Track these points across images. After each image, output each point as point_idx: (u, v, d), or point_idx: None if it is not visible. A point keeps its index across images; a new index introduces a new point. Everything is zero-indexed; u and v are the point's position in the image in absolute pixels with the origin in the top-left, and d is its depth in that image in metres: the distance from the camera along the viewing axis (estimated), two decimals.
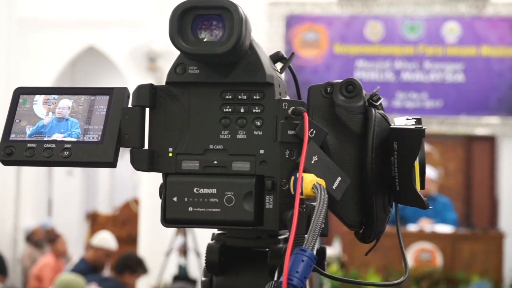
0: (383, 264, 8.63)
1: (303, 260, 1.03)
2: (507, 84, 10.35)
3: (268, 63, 1.21)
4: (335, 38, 10.59)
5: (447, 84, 10.44)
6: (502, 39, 10.38)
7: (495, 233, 9.04)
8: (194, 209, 1.18)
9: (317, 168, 1.15)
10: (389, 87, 10.53)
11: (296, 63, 10.45)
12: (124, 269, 7.06)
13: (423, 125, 1.25)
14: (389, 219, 1.32)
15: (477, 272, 8.50)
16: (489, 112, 10.39)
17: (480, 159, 11.13)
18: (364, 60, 10.58)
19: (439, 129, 10.47)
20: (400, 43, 10.55)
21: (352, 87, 1.23)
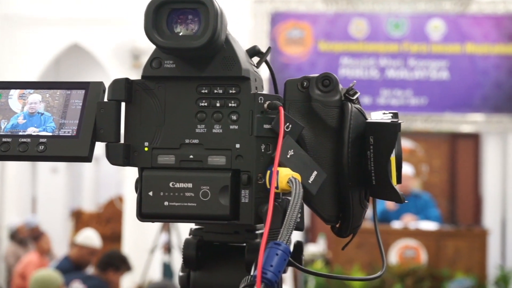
0: (367, 261, 8.64)
1: (277, 254, 1.02)
2: (491, 82, 10.38)
3: (244, 57, 1.21)
4: (319, 36, 10.59)
5: (431, 82, 10.47)
6: (486, 37, 10.41)
7: (479, 230, 9.08)
8: (170, 203, 1.18)
9: (292, 162, 1.14)
10: (374, 84, 10.55)
11: (280, 61, 10.46)
12: (108, 266, 7.04)
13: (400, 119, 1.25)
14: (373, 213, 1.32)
15: (461, 269, 8.53)
16: (474, 109, 10.42)
17: (465, 156, 11.17)
18: (348, 57, 10.58)
19: (424, 126, 10.49)
20: (385, 40, 10.56)
21: (328, 81, 1.23)
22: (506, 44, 10.38)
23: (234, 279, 1.18)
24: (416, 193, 9.21)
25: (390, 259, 8.65)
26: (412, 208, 9.01)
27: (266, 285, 1.01)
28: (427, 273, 8.39)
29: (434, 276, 8.40)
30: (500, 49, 10.38)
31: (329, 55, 10.60)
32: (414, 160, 9.94)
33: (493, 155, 10.83)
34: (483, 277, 8.63)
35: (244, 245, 1.26)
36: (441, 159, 11.17)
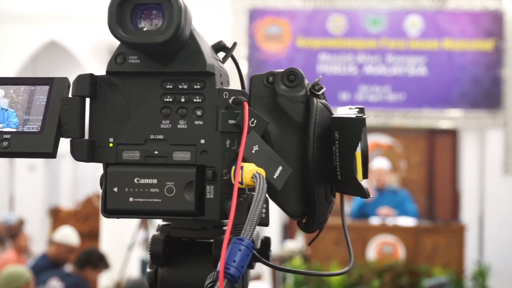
0: (346, 257, 8.64)
1: (240, 249, 1.02)
2: (469, 78, 10.42)
3: (209, 52, 1.21)
4: (298, 32, 10.60)
5: (409, 78, 10.50)
6: (464, 33, 10.45)
7: (457, 226, 9.11)
8: (134, 199, 1.17)
9: (257, 157, 1.14)
10: (352, 81, 10.57)
11: (259, 57, 10.46)
12: (86, 264, 7.02)
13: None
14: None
15: (439, 264, 8.56)
16: (452, 105, 10.46)
17: (443, 152, 11.21)
18: (327, 53, 10.59)
19: (402, 122, 10.52)
20: (363, 36, 10.58)
21: (294, 77, 1.23)
22: (484, 40, 10.43)
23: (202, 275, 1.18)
24: (393, 188, 9.24)
25: (368, 255, 8.67)
26: (389, 203, 9.03)
27: (229, 281, 1.01)
28: (405, 269, 8.41)
29: (412, 272, 8.42)
30: (477, 45, 10.43)
31: (307, 51, 10.61)
32: (393, 156, 9.98)
33: (471, 151, 10.88)
34: (461, 272, 8.66)
35: (211, 241, 1.26)
36: (419, 155, 11.21)
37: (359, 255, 8.66)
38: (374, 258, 8.64)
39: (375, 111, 10.47)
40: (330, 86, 10.48)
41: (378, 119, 10.51)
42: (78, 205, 11.99)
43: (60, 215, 11.32)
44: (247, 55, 10.51)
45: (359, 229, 8.80)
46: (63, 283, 6.64)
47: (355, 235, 8.77)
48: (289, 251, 9.52)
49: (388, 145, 10.69)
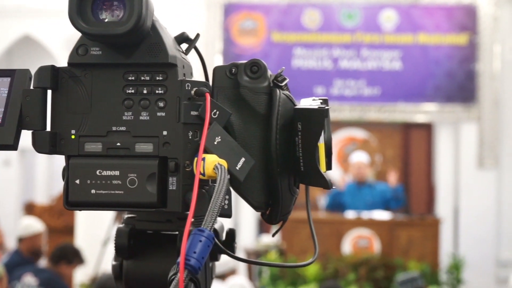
0: (321, 251, 8.67)
1: (200, 241, 1.02)
2: (443, 72, 10.47)
3: (171, 44, 1.20)
4: (272, 26, 10.61)
5: (384, 72, 10.54)
6: (438, 27, 10.50)
7: (431, 219, 9.15)
8: (97, 191, 1.17)
9: (220, 149, 1.14)
10: (327, 75, 10.59)
11: (234, 52, 10.46)
12: (60, 259, 6.99)
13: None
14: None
15: (414, 257, 8.60)
16: (426, 99, 10.51)
17: (418, 146, 11.25)
18: (302, 48, 10.61)
19: (377, 116, 10.57)
20: (338, 31, 10.61)
21: (256, 68, 1.22)
22: (458, 34, 10.48)
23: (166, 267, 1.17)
24: (370, 182, 9.27)
25: (344, 249, 8.70)
26: (368, 196, 9.06)
27: (190, 272, 1.01)
28: (380, 263, 8.44)
29: (387, 265, 8.45)
30: (451, 39, 10.48)
31: (282, 45, 10.62)
32: (368, 150, 10.00)
33: (446, 145, 10.92)
34: (436, 265, 8.71)
35: (176, 233, 1.25)
36: (394, 149, 11.24)
37: (335, 248, 8.68)
38: (349, 251, 8.67)
39: (350, 105, 10.51)
40: (306, 81, 10.51)
41: (353, 113, 10.54)
42: (53, 200, 11.92)
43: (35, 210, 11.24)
44: (222, 49, 10.51)
45: (335, 223, 8.82)
46: (37, 279, 6.60)
47: (330, 229, 8.79)
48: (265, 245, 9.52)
49: (363, 139, 10.72)
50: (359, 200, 9.07)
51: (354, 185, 9.16)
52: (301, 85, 10.52)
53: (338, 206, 9.09)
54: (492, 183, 10.61)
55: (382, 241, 8.75)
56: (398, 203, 9.10)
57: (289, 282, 8.45)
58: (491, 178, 10.62)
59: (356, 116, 10.60)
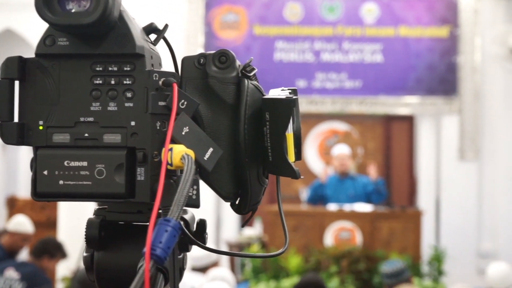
0: (303, 244, 8.69)
1: (166, 231, 1.02)
2: (425, 64, 10.51)
3: (139, 34, 1.20)
4: (254, 20, 10.61)
5: (366, 65, 10.56)
6: (419, 20, 10.53)
7: (413, 211, 9.19)
8: (65, 182, 1.17)
9: (187, 139, 1.14)
10: (309, 68, 10.60)
11: (216, 45, 10.45)
12: (43, 253, 6.98)
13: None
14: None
15: (396, 249, 8.63)
16: (408, 92, 10.54)
17: (399, 138, 11.29)
18: (283, 41, 10.61)
19: (359, 109, 10.59)
20: (319, 24, 10.62)
21: (225, 58, 1.23)
22: (439, 27, 10.51)
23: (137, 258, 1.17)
24: (352, 175, 9.30)
25: (326, 241, 8.72)
26: (350, 189, 9.09)
27: (155, 262, 1.01)
28: (362, 255, 8.47)
29: (369, 257, 8.48)
30: (432, 32, 10.51)
31: (264, 39, 10.62)
32: (349, 142, 10.03)
33: (427, 137, 10.96)
34: (418, 257, 8.75)
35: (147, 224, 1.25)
36: (376, 142, 11.28)
37: (317, 241, 8.70)
38: (331, 244, 8.69)
39: (332, 98, 10.53)
40: (287, 74, 10.53)
41: (335, 106, 10.56)
42: None
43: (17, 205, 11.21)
44: (204, 43, 10.49)
45: (317, 216, 8.84)
46: (19, 273, 6.60)
47: (312, 221, 8.82)
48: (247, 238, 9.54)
49: (345, 131, 10.74)
50: (341, 192, 9.10)
51: (336, 178, 9.19)
52: (283, 78, 10.53)
53: (320, 198, 9.11)
54: (473, 175, 10.66)
55: (364, 233, 8.78)
56: (380, 197, 9.13)
57: (272, 274, 8.46)
58: (472, 170, 10.67)
59: (337, 109, 10.62)
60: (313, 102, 10.59)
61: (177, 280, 1.18)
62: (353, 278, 8.29)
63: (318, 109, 10.62)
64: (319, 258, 8.42)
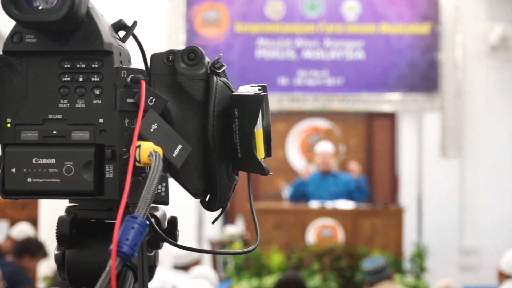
0: (285, 241, 8.70)
1: (133, 227, 1.02)
2: (406, 61, 10.53)
3: (107, 31, 1.20)
4: (236, 17, 10.59)
5: (347, 62, 10.56)
6: (400, 17, 10.54)
7: (395, 208, 9.21)
8: (33, 180, 1.16)
9: (156, 136, 1.14)
10: (291, 65, 10.60)
11: (197, 42, 10.42)
12: (24, 252, 6.96)
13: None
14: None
15: (378, 246, 8.65)
16: (390, 89, 10.55)
17: (381, 135, 11.32)
18: (265, 38, 10.61)
19: (340, 106, 10.60)
20: (301, 21, 10.61)
21: (193, 55, 1.22)
22: (420, 24, 10.53)
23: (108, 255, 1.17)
24: (334, 172, 9.31)
25: (308, 239, 8.73)
26: (332, 186, 9.10)
27: (122, 259, 1.00)
28: (344, 252, 8.48)
29: (351, 254, 8.50)
30: (414, 29, 10.53)
31: (245, 36, 10.61)
32: (332, 140, 10.05)
33: (409, 133, 11.00)
34: (400, 254, 8.77)
35: None
36: (358, 139, 11.30)
37: (299, 238, 8.71)
38: (313, 241, 8.70)
39: (314, 96, 10.53)
40: (269, 71, 10.52)
41: (316, 103, 10.56)
42: None
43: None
44: (185, 40, 10.47)
45: (299, 213, 8.85)
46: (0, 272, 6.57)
47: (295, 218, 8.82)
48: (230, 236, 9.55)
49: (327, 129, 10.76)
50: (323, 190, 9.11)
51: (318, 175, 9.20)
52: (264, 75, 10.52)
53: (302, 196, 9.12)
54: (454, 171, 10.71)
55: (346, 231, 8.79)
56: (362, 195, 9.14)
57: (254, 272, 8.46)
58: (454, 166, 10.72)
59: (319, 106, 10.63)
60: (295, 99, 10.60)
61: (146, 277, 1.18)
62: (335, 275, 8.30)
63: (299, 107, 10.63)
64: (301, 255, 8.42)
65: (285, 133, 11.24)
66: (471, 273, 10.51)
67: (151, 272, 1.31)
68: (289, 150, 11.24)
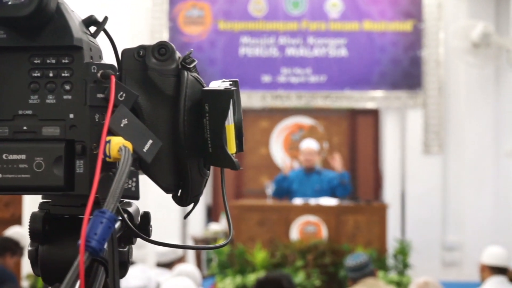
0: (269, 238, 8.71)
1: (101, 222, 1.02)
2: (389, 58, 10.56)
3: (77, 26, 1.20)
4: (219, 15, 10.60)
5: (330, 59, 10.60)
6: (383, 14, 10.58)
7: (378, 205, 9.23)
8: (3, 175, 1.16)
9: (126, 131, 1.14)
10: (274, 63, 10.62)
11: (180, 40, 10.43)
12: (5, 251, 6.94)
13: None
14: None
15: (362, 243, 8.66)
16: (372, 86, 10.59)
17: (364, 132, 11.34)
18: (248, 36, 10.63)
19: (324, 103, 10.62)
20: (284, 19, 10.64)
21: (164, 50, 1.22)
22: (402, 22, 10.57)
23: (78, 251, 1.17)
24: (318, 170, 9.31)
25: (292, 235, 8.74)
26: (316, 183, 9.11)
27: (90, 254, 1.01)
28: (327, 248, 8.49)
29: (335, 251, 8.51)
30: (396, 26, 10.57)
31: (228, 34, 10.62)
32: (315, 137, 10.05)
33: (392, 130, 11.03)
34: (383, 250, 8.79)
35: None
36: (341, 136, 11.32)
37: (283, 235, 8.72)
38: (297, 238, 8.71)
39: (297, 93, 10.55)
40: (253, 69, 10.54)
41: (300, 100, 10.59)
42: None
43: None
44: (168, 38, 10.47)
45: (282, 210, 8.86)
46: None
47: (278, 215, 8.83)
48: (214, 233, 9.55)
49: (310, 126, 10.77)
50: (307, 187, 9.12)
51: (302, 172, 9.20)
52: (248, 73, 10.54)
53: (284, 191, 9.11)
54: (437, 168, 10.75)
55: (330, 227, 8.80)
56: (345, 191, 9.15)
57: (238, 269, 8.47)
58: (437, 163, 10.75)
59: (303, 104, 10.65)
60: (278, 97, 10.61)
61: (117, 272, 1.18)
62: (318, 272, 8.32)
63: (283, 104, 10.65)
64: (285, 252, 8.43)
65: (269, 131, 11.25)
66: (454, 269, 10.55)
67: (125, 268, 1.31)
68: (272, 148, 11.25)
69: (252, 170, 11.28)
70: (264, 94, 10.61)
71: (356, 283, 6.02)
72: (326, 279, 8.32)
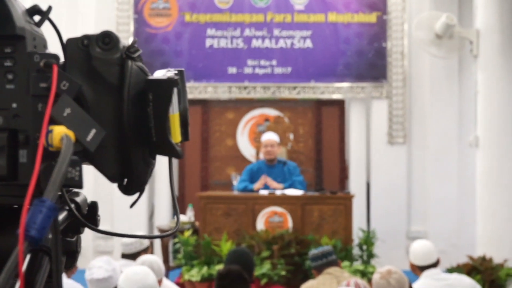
0: (235, 229, 8.72)
1: (41, 211, 1.02)
2: (354, 50, 10.61)
3: (20, 16, 1.19)
4: (185, 7, 10.59)
5: (296, 51, 10.62)
6: (347, 6, 10.62)
7: (343, 195, 9.25)
8: None
9: (69, 120, 1.14)
10: (240, 55, 10.63)
11: (147, 32, 10.41)
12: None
13: (183, 76, 1.26)
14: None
15: (327, 233, 8.70)
16: (338, 77, 10.64)
17: (330, 123, 11.37)
18: (214, 28, 10.62)
19: (289, 94, 10.65)
20: (250, 11, 10.64)
21: (108, 39, 1.22)
22: (366, 14, 10.61)
23: None
24: (282, 160, 9.32)
25: (258, 226, 8.75)
26: (279, 175, 9.12)
27: (30, 243, 1.01)
28: (293, 239, 8.52)
29: (300, 241, 8.54)
30: (360, 18, 10.61)
31: (195, 25, 10.61)
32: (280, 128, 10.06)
33: (357, 121, 11.07)
34: (349, 240, 8.82)
35: None
36: (306, 127, 11.34)
37: (249, 226, 8.73)
38: (263, 229, 8.72)
39: (263, 84, 10.57)
40: (219, 61, 10.54)
41: (266, 92, 10.61)
42: None
43: None
44: (134, 30, 10.44)
45: (248, 201, 8.86)
46: None
47: (244, 206, 8.84)
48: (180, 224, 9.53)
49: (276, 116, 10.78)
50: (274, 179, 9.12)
51: (264, 164, 9.20)
52: (214, 65, 10.55)
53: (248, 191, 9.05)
54: (402, 158, 10.82)
55: (295, 218, 8.83)
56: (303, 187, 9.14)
57: (204, 260, 8.47)
58: (401, 153, 10.83)
59: (268, 95, 10.68)
60: (245, 88, 10.63)
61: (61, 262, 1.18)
62: (284, 262, 8.34)
63: (249, 95, 10.67)
64: (251, 243, 8.45)
65: (235, 122, 11.25)
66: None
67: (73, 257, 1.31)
68: (239, 139, 11.26)
69: (219, 162, 11.28)
70: (230, 86, 10.62)
71: (320, 273, 6.04)
72: (291, 270, 8.35)
